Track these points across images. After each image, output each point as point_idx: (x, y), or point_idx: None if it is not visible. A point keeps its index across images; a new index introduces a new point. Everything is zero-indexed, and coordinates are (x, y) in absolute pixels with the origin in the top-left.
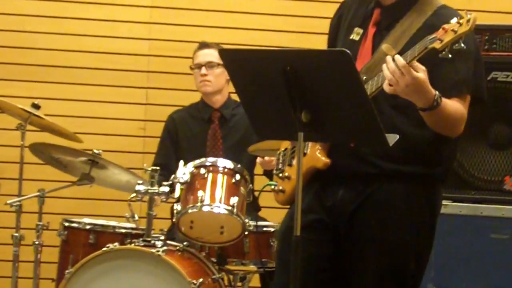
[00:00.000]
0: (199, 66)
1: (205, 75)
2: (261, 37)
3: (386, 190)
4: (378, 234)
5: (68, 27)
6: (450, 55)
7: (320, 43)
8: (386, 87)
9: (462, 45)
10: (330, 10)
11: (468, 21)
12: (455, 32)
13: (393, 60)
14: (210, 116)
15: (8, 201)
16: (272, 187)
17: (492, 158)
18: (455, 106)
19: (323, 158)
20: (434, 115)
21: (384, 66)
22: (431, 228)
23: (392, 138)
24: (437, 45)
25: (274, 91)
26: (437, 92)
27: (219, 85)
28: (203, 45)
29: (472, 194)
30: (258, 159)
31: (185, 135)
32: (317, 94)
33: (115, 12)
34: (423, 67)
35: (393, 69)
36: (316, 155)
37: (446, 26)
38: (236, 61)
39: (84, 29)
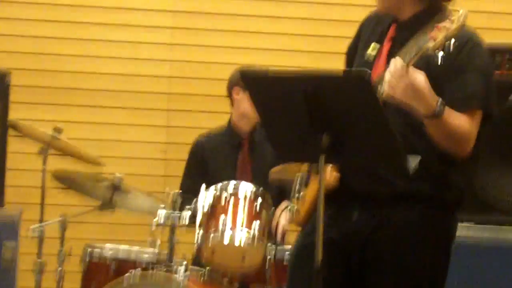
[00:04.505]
0: None
1: None
2: (281, 58)
3: (401, 213)
4: (392, 257)
5: (89, 49)
6: (442, 53)
7: (341, 63)
8: (386, 88)
9: (453, 40)
10: (350, 30)
11: (459, 17)
12: (448, 29)
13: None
14: (240, 141)
15: (31, 227)
16: (289, 208)
17: None
18: (461, 120)
19: (334, 173)
20: (437, 124)
21: (387, 69)
22: (446, 252)
23: (414, 160)
24: (430, 44)
25: (294, 113)
26: (440, 99)
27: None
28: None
29: (494, 216)
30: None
31: (214, 160)
32: (338, 116)
33: (137, 34)
34: (421, 72)
35: (393, 70)
36: (326, 173)
37: (439, 25)
38: (257, 82)
39: (106, 51)
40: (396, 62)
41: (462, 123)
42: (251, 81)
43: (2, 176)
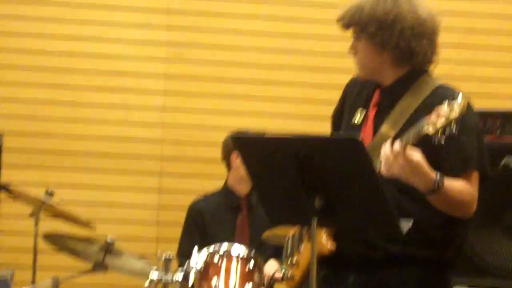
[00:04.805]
0: None
1: None
2: (272, 122)
3: (397, 275)
4: None
5: (81, 113)
6: (443, 141)
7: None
8: (383, 170)
9: (454, 130)
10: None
11: (459, 105)
12: (447, 117)
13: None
14: (238, 205)
15: None
16: (282, 272)
17: (506, 244)
18: (461, 186)
19: (329, 245)
20: (439, 198)
21: (381, 150)
22: None
23: (406, 224)
24: (429, 130)
25: (287, 177)
26: (437, 175)
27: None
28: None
29: (486, 280)
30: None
31: (212, 223)
32: (330, 180)
33: (129, 97)
34: (417, 149)
35: (386, 153)
36: (322, 241)
37: (438, 110)
38: (249, 147)
39: (98, 115)
40: (393, 144)
41: (462, 188)
42: (243, 145)
43: None
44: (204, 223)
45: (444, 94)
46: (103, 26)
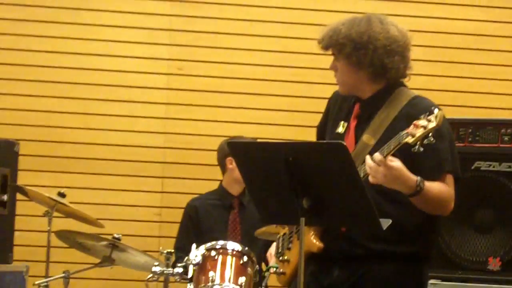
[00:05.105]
0: None
1: None
2: (265, 130)
3: (377, 270)
4: None
5: (91, 122)
6: (421, 149)
7: None
8: (370, 179)
9: (432, 139)
10: None
11: (436, 117)
12: (425, 128)
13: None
14: (231, 203)
15: (36, 282)
16: (274, 269)
17: (477, 240)
18: (440, 187)
19: (317, 243)
20: (421, 199)
21: (365, 161)
22: None
23: (385, 223)
24: (409, 140)
25: (277, 180)
26: (418, 178)
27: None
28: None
29: (459, 273)
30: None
31: (207, 221)
32: (317, 182)
33: (134, 108)
34: (396, 159)
35: (369, 164)
36: (310, 240)
37: (416, 122)
38: (243, 152)
39: (105, 124)
40: (375, 156)
41: (441, 189)
42: (238, 150)
43: (10, 236)
44: (199, 218)
45: (419, 104)
46: (111, 43)
